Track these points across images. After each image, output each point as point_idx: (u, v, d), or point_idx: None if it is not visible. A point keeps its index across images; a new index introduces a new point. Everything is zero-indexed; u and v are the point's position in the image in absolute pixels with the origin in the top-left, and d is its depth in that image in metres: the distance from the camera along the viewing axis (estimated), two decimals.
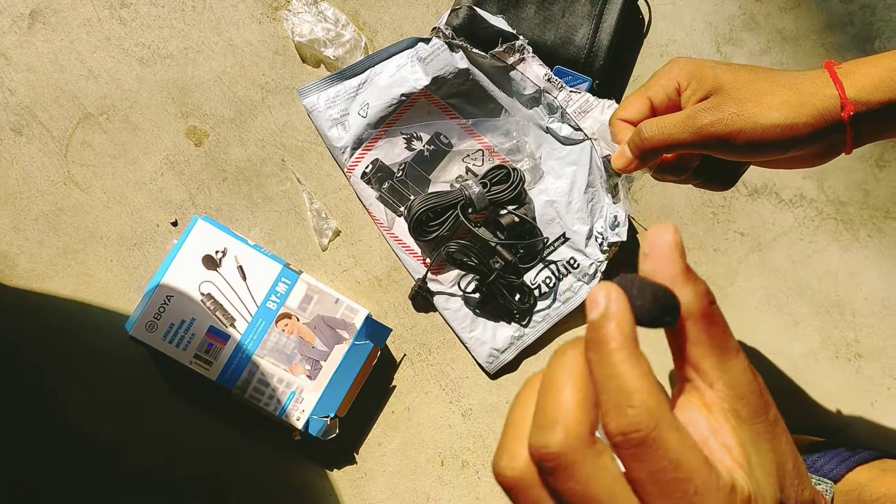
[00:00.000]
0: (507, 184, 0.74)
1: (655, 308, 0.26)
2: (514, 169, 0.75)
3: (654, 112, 0.53)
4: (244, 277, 0.72)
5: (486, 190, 0.73)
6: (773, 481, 0.25)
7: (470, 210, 0.73)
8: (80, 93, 0.75)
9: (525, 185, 0.76)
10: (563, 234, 0.78)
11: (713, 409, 0.26)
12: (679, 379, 0.28)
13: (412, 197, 0.76)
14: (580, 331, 0.80)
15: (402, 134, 0.76)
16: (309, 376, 0.72)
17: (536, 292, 0.78)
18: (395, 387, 0.79)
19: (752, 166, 0.57)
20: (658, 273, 0.26)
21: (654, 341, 0.39)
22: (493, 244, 0.74)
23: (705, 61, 0.51)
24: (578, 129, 0.76)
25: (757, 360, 0.80)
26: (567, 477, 0.23)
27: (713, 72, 0.50)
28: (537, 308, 0.78)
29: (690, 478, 0.22)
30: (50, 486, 0.76)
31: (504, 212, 0.75)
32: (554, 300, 0.78)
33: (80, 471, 0.76)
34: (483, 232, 0.75)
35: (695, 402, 0.26)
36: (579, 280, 0.78)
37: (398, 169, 0.77)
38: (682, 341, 0.26)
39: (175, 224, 0.76)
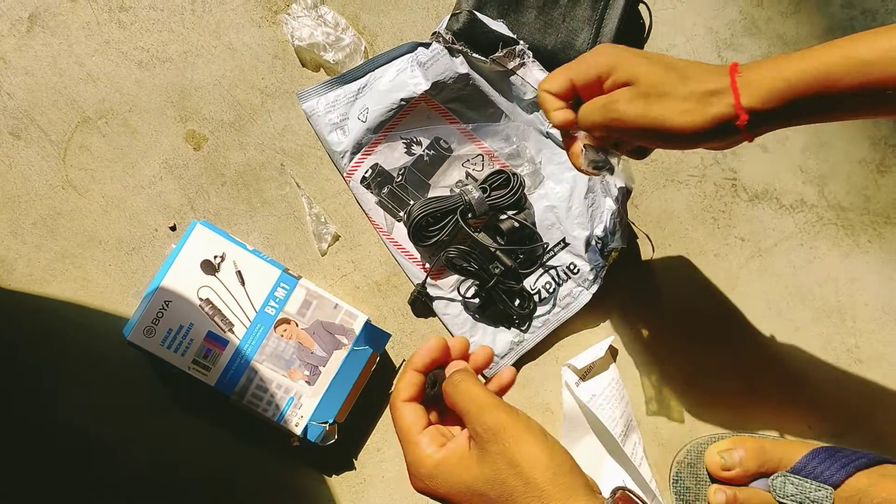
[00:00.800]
0: (506, 189, 0.74)
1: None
2: (515, 174, 0.74)
3: (574, 89, 0.57)
4: (243, 282, 0.72)
5: (485, 195, 0.73)
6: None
7: (470, 215, 0.73)
8: (78, 96, 0.75)
9: (525, 190, 0.76)
10: (563, 240, 0.78)
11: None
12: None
13: (412, 202, 0.76)
14: (580, 336, 0.79)
15: (402, 139, 0.76)
16: (308, 382, 0.72)
17: (536, 297, 0.77)
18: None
19: None
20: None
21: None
22: (493, 249, 0.74)
23: (627, 52, 0.54)
24: None
25: (758, 365, 0.80)
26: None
27: (629, 64, 0.53)
28: (537, 313, 0.78)
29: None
30: (48, 488, 0.75)
31: (504, 217, 0.75)
32: (554, 305, 0.78)
33: (77, 473, 0.75)
34: (483, 237, 0.74)
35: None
36: (579, 285, 0.78)
37: (398, 174, 0.76)
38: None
39: (173, 228, 0.76)
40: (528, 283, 0.77)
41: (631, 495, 0.46)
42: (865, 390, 0.81)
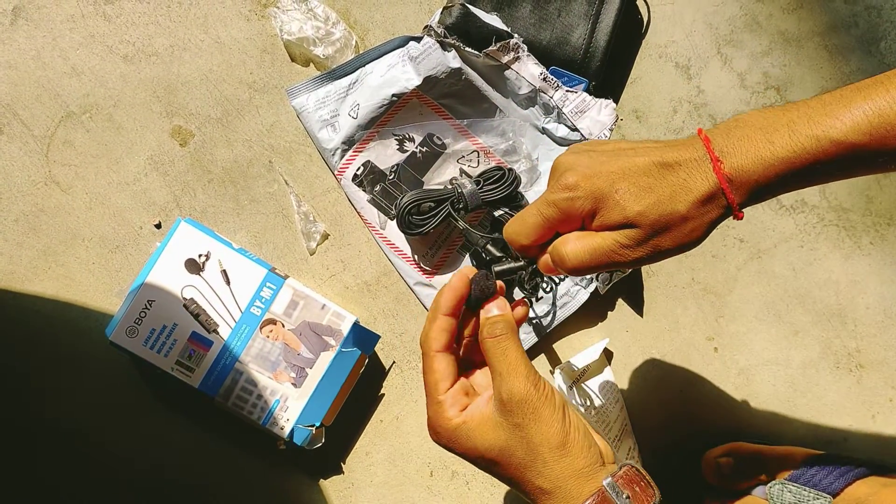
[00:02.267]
0: (500, 182, 0.72)
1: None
2: (510, 169, 0.73)
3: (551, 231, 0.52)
4: (228, 282, 0.70)
5: (478, 188, 0.71)
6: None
7: (461, 207, 0.71)
8: (62, 91, 0.73)
9: (521, 187, 0.74)
10: None
11: None
12: None
13: None
14: (574, 338, 0.78)
15: (394, 135, 0.74)
16: (294, 384, 0.70)
17: (533, 297, 0.76)
18: (383, 395, 0.77)
19: None
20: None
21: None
22: (482, 242, 0.72)
23: (604, 190, 0.48)
24: (575, 129, 0.74)
25: (755, 369, 0.79)
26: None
27: (619, 206, 0.47)
28: (534, 313, 0.76)
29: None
30: (28, 488, 0.74)
31: (499, 213, 0.73)
32: (552, 304, 0.76)
33: (60, 474, 0.74)
34: (471, 229, 0.73)
35: None
36: (576, 284, 0.76)
37: (390, 171, 0.75)
38: None
39: (159, 226, 0.74)
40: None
41: (637, 471, 0.48)
42: (866, 396, 0.79)
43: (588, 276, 0.76)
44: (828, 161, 0.45)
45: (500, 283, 0.53)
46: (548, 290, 0.76)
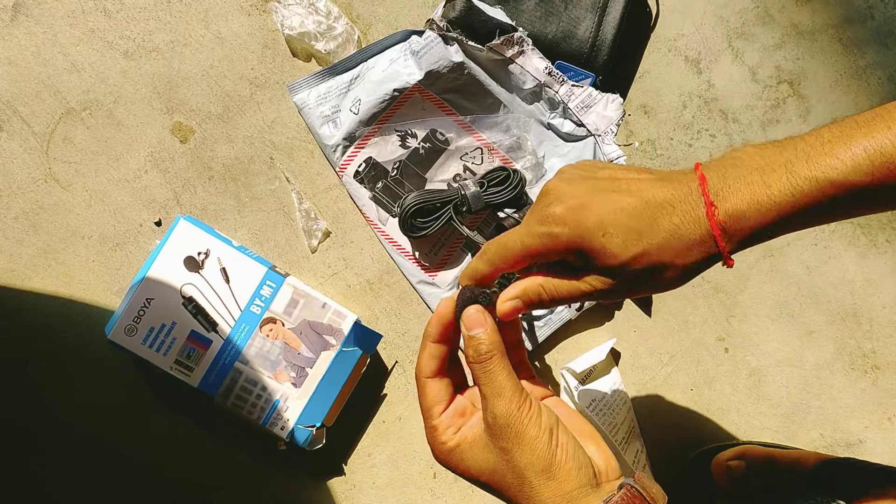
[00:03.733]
0: (505, 185, 0.71)
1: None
2: (515, 171, 0.71)
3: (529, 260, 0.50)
4: (227, 280, 0.69)
5: (482, 190, 0.70)
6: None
7: (465, 209, 0.70)
8: (62, 87, 0.73)
9: (526, 186, 0.73)
10: None
11: None
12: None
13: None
14: (580, 338, 0.76)
15: (397, 131, 0.73)
16: (294, 384, 0.69)
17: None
18: (385, 395, 0.75)
19: None
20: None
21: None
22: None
23: (592, 227, 0.45)
24: (581, 124, 0.73)
25: (768, 370, 0.77)
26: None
27: (605, 252, 0.45)
28: (539, 313, 0.75)
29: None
30: (26, 486, 0.73)
31: (503, 215, 0.72)
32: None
33: (58, 472, 0.73)
34: (474, 234, 0.71)
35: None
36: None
37: (393, 168, 0.73)
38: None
39: (159, 224, 0.73)
40: None
41: (636, 492, 0.45)
42: (882, 398, 0.77)
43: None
44: (827, 203, 0.43)
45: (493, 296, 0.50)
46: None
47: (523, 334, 0.75)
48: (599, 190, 0.47)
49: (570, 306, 0.75)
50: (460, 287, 0.50)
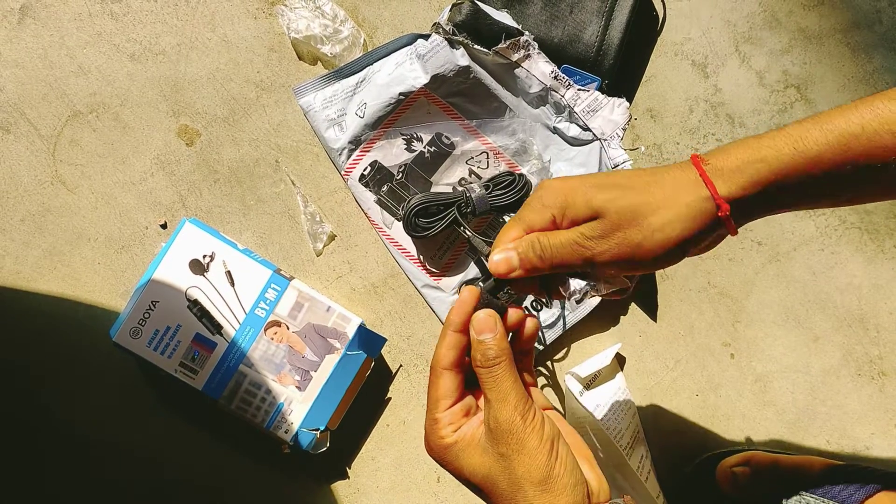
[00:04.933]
0: (510, 188, 0.70)
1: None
2: (521, 175, 0.71)
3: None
4: (232, 283, 0.69)
5: (487, 192, 0.70)
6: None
7: (469, 211, 0.70)
8: (69, 90, 0.73)
9: (532, 190, 0.73)
10: None
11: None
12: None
13: None
14: (585, 342, 0.76)
15: (402, 135, 0.73)
16: (298, 387, 0.69)
17: (541, 306, 0.74)
18: (390, 399, 0.75)
19: None
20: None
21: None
22: (486, 251, 0.71)
23: (574, 186, 0.49)
24: (587, 129, 0.72)
25: (773, 376, 0.76)
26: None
27: (585, 198, 0.48)
28: (546, 316, 0.75)
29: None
30: (32, 486, 0.73)
31: (508, 218, 0.72)
32: (562, 308, 0.75)
33: (63, 472, 0.73)
34: (476, 239, 0.71)
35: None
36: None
37: (398, 171, 0.73)
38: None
39: (164, 226, 0.74)
40: None
41: None
42: (889, 404, 0.76)
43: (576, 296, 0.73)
44: (813, 157, 0.45)
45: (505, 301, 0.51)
46: (536, 311, 0.74)
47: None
48: (588, 176, 0.51)
49: (583, 298, 0.74)
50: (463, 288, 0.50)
